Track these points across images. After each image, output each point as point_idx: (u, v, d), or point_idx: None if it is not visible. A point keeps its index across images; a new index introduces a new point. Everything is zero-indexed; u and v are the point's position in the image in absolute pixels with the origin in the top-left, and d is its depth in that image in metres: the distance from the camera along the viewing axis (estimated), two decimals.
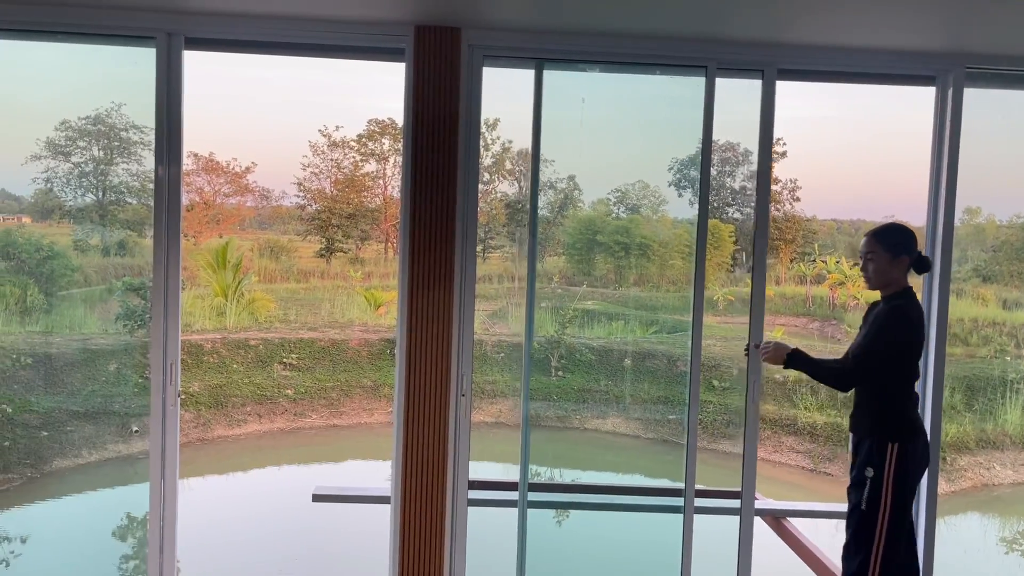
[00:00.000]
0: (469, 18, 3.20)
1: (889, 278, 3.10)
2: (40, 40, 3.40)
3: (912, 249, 3.11)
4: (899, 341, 3.01)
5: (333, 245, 22.48)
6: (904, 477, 3.01)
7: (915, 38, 3.28)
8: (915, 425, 3.09)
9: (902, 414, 3.05)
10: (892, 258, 3.08)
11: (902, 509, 3.02)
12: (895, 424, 3.03)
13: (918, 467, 3.07)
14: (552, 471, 12.61)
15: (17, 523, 8.99)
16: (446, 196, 3.34)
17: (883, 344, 3.01)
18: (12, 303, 12.18)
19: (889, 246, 3.09)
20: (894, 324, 3.01)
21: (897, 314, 3.01)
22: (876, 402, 3.08)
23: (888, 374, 3.05)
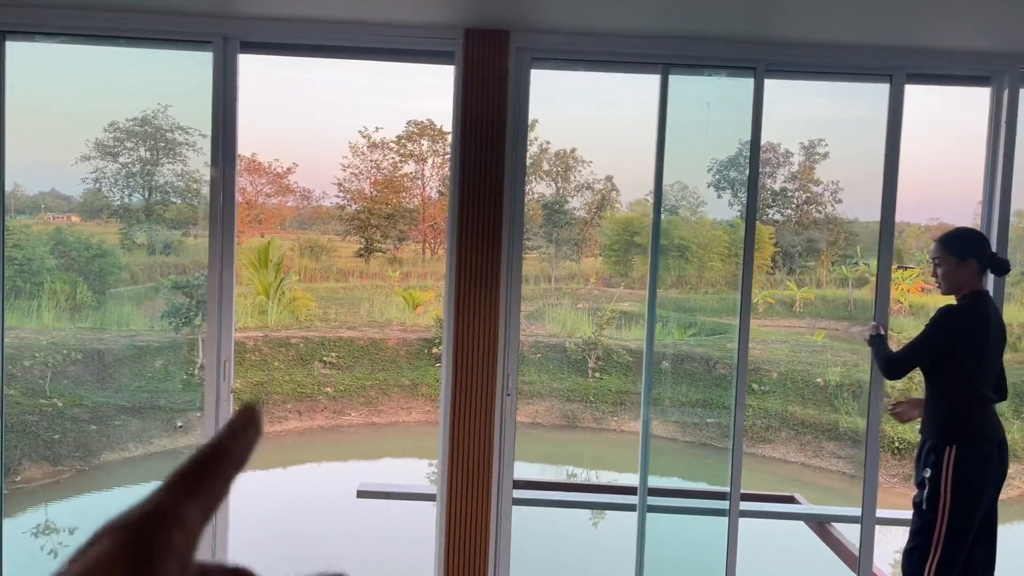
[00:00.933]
0: (517, 21, 3.23)
1: (958, 282, 3.10)
2: (103, 45, 3.50)
3: (980, 252, 3.09)
4: (938, 340, 3.04)
5: (372, 245, 22.66)
6: (963, 480, 2.97)
7: (971, 38, 3.24)
8: (976, 429, 3.04)
9: (962, 417, 3.04)
10: (959, 262, 3.09)
11: (964, 512, 2.98)
12: (953, 427, 3.03)
13: (980, 472, 3.01)
14: (589, 472, 12.59)
15: (66, 514, 9.21)
16: (493, 197, 3.37)
17: (920, 342, 3.07)
18: (63, 300, 12.49)
19: (955, 251, 3.10)
20: (936, 324, 3.06)
21: (942, 315, 3.06)
22: (937, 404, 3.08)
23: (944, 376, 3.05)
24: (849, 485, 11.37)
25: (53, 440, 9.99)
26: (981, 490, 3.02)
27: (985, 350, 3.04)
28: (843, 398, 12.62)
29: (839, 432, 12.15)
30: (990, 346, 3.06)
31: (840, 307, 18.43)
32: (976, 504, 3.02)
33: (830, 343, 15.57)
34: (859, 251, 19.50)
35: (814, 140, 20.11)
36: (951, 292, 3.14)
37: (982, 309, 3.06)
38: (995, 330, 3.09)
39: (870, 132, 15.69)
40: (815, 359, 13.75)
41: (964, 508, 2.99)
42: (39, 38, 3.42)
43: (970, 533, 3.02)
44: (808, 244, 20.36)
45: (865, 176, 21.00)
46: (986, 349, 3.05)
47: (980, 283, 3.11)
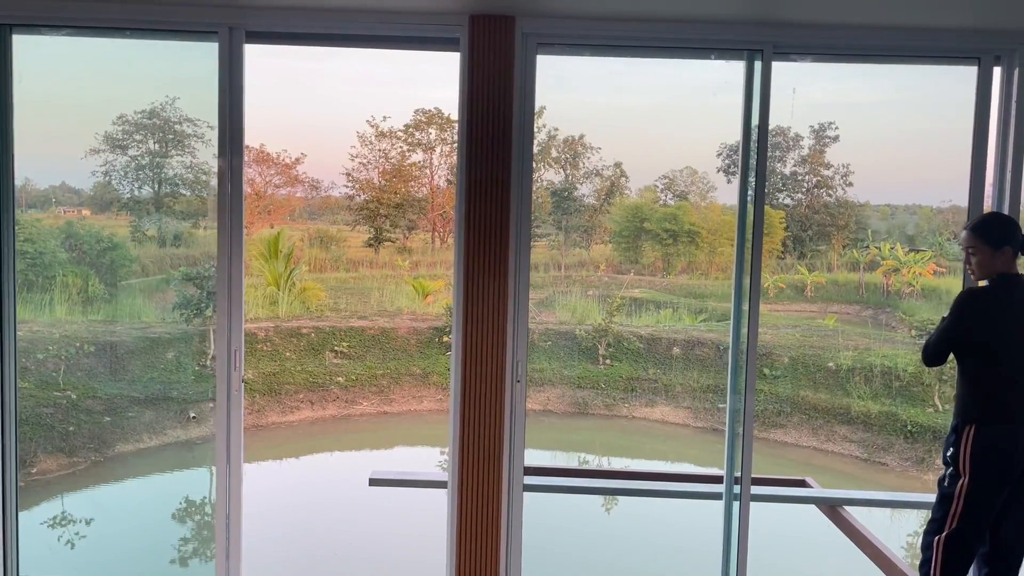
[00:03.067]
0: (523, 6, 3.20)
1: (994, 269, 3.07)
2: (107, 36, 3.50)
3: (1013, 237, 3.06)
4: (960, 321, 3.04)
5: (381, 235, 22.66)
6: (981, 460, 2.97)
7: (977, 17, 3.20)
8: (998, 410, 3.01)
9: (983, 398, 3.03)
10: (994, 251, 3.06)
11: (981, 492, 2.98)
12: (974, 407, 3.03)
13: (1001, 452, 2.98)
14: (600, 459, 12.61)
15: (82, 506, 9.30)
16: (501, 185, 3.36)
17: (948, 324, 3.06)
18: (74, 293, 12.57)
19: (989, 239, 3.06)
20: (957, 306, 3.06)
21: (963, 297, 3.07)
22: (963, 385, 3.09)
23: (968, 357, 3.05)
24: (861, 469, 11.36)
25: (68, 432, 10.07)
26: (1002, 471, 2.99)
27: (1010, 331, 3.02)
28: (855, 382, 12.57)
29: (851, 416, 12.11)
30: (1014, 327, 3.03)
31: (851, 291, 18.33)
32: (996, 485, 2.99)
33: (841, 327, 15.50)
34: (870, 234, 19.38)
35: (824, 123, 19.96)
36: (984, 278, 3.11)
37: (1007, 291, 3.03)
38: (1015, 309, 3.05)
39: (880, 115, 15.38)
40: (826, 343, 13.70)
41: (982, 488, 2.98)
42: (45, 31, 3.43)
43: (988, 513, 3.01)
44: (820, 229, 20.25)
45: (876, 159, 20.84)
46: (1010, 330, 3.02)
47: (1013, 267, 3.08)
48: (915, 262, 17.26)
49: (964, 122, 3.48)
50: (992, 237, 3.06)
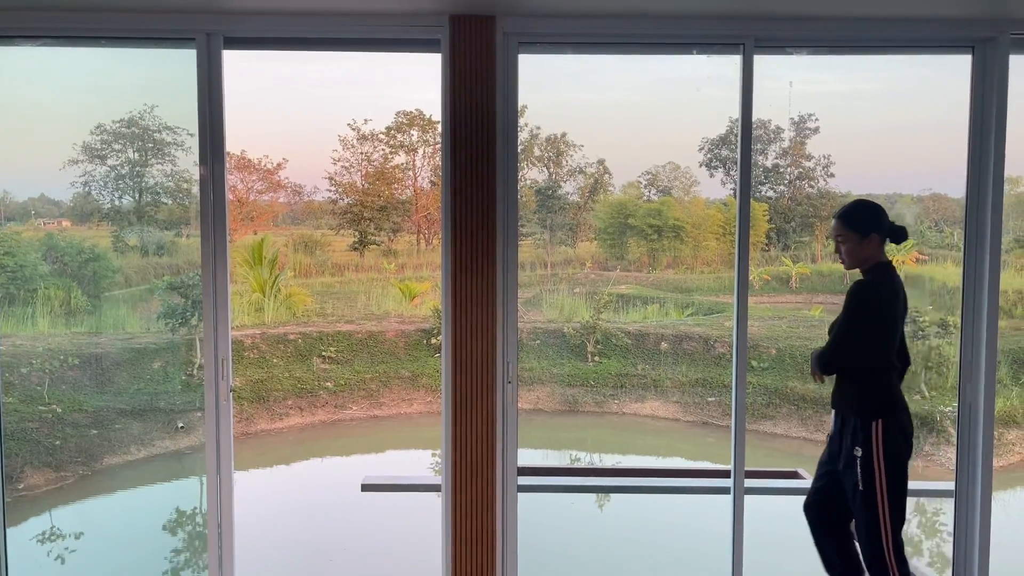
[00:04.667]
0: (503, 5, 3.19)
1: (863, 257, 3.09)
2: (83, 45, 3.47)
3: (880, 224, 3.08)
4: (869, 322, 3.01)
5: (366, 238, 22.60)
6: (894, 452, 3.00)
7: (958, 5, 3.21)
8: (897, 400, 3.07)
9: (884, 390, 3.05)
10: (862, 238, 3.07)
11: (899, 482, 3.01)
12: (878, 400, 3.03)
13: (906, 441, 3.05)
14: (592, 456, 12.63)
15: (71, 520, 9.21)
16: (485, 184, 3.35)
17: (849, 325, 3.02)
18: (57, 305, 12.45)
19: (857, 226, 3.08)
20: (863, 306, 3.01)
21: (865, 294, 3.02)
22: (858, 379, 3.07)
23: (867, 352, 3.03)
24: None
25: (54, 446, 9.97)
26: (908, 458, 3.05)
27: (897, 321, 3.05)
28: None
29: None
30: (900, 317, 3.07)
31: (836, 281, 18.44)
32: (906, 470, 3.04)
33: (827, 317, 15.57)
34: None
35: (804, 115, 20.06)
36: (855, 267, 3.13)
37: (891, 280, 3.06)
38: (902, 300, 3.09)
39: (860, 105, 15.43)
40: (813, 334, 13.76)
41: (899, 478, 3.01)
42: (20, 41, 3.38)
43: (905, 500, 3.05)
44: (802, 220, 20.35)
45: (856, 149, 20.96)
46: (898, 320, 3.06)
47: (883, 255, 3.11)
48: (898, 250, 17.38)
49: (943, 111, 3.50)
50: (859, 224, 3.08)
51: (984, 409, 3.51)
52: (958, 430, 3.62)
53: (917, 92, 19.08)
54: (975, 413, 3.54)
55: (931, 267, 17.32)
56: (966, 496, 3.57)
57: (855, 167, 21.18)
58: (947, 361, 11.72)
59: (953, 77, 3.54)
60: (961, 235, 3.59)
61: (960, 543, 3.59)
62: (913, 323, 12.47)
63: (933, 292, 15.92)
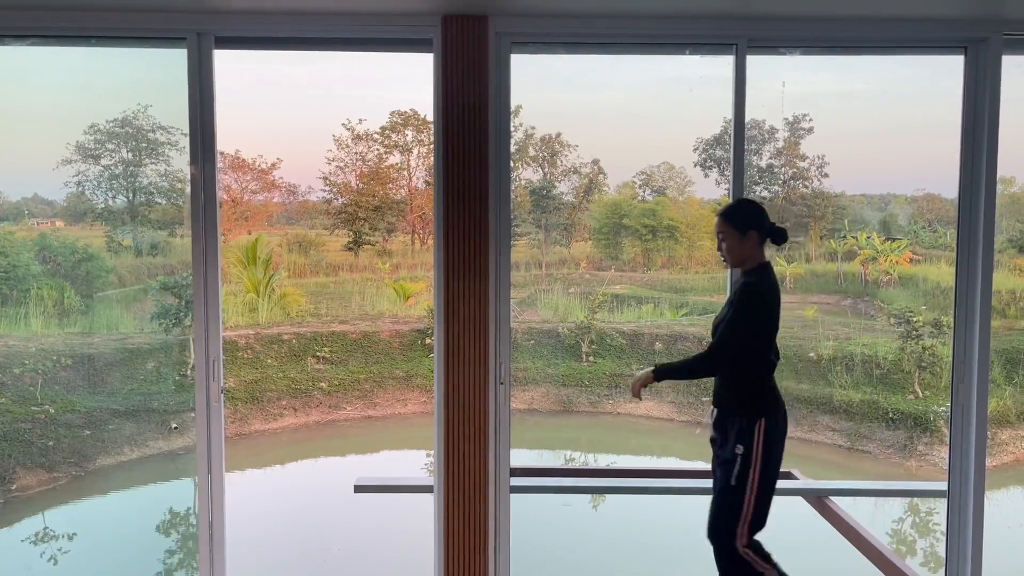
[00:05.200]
0: (495, 5, 3.18)
1: (743, 255, 3.11)
2: (74, 45, 3.45)
3: (760, 223, 3.10)
4: (756, 322, 3.03)
5: (360, 238, 22.57)
6: (771, 452, 3.03)
7: (950, 5, 3.21)
8: (778, 399, 3.11)
9: (766, 390, 3.08)
10: (741, 236, 3.09)
11: (770, 481, 3.04)
12: (762, 400, 3.06)
13: (781, 442, 3.09)
14: (587, 456, 12.63)
15: (64, 521, 9.18)
16: (478, 184, 3.34)
17: (740, 325, 3.03)
18: (50, 305, 12.41)
19: (736, 224, 3.10)
20: (749, 307, 3.02)
21: (750, 295, 3.03)
22: (742, 379, 3.08)
23: (754, 351, 3.07)
24: (845, 458, 11.44)
25: (47, 447, 9.94)
26: (780, 456, 3.09)
27: (777, 320, 3.09)
28: (836, 372, 12.67)
29: (833, 406, 12.20)
30: (778, 316, 3.11)
31: (830, 281, 18.48)
32: (779, 468, 3.09)
33: (821, 317, 15.62)
34: (847, 224, 19.55)
35: (798, 115, 20.10)
36: (736, 265, 3.16)
37: (772, 280, 3.10)
38: (779, 299, 3.14)
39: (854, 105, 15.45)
40: (807, 334, 13.79)
41: (771, 477, 3.04)
42: (9, 41, 3.37)
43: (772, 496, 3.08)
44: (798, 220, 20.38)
45: (850, 149, 21.01)
46: (778, 319, 3.09)
47: (763, 255, 3.13)
48: (892, 251, 17.42)
49: (937, 111, 3.50)
50: (738, 222, 3.10)
51: (977, 409, 3.52)
52: (951, 430, 3.63)
53: (911, 92, 19.13)
54: (968, 413, 3.55)
55: (925, 267, 17.36)
56: (959, 496, 3.58)
57: (849, 167, 21.24)
58: (941, 361, 11.75)
59: (947, 77, 3.54)
60: (955, 235, 3.60)
61: (953, 543, 3.60)
62: (906, 323, 12.50)
63: (927, 292, 15.96)
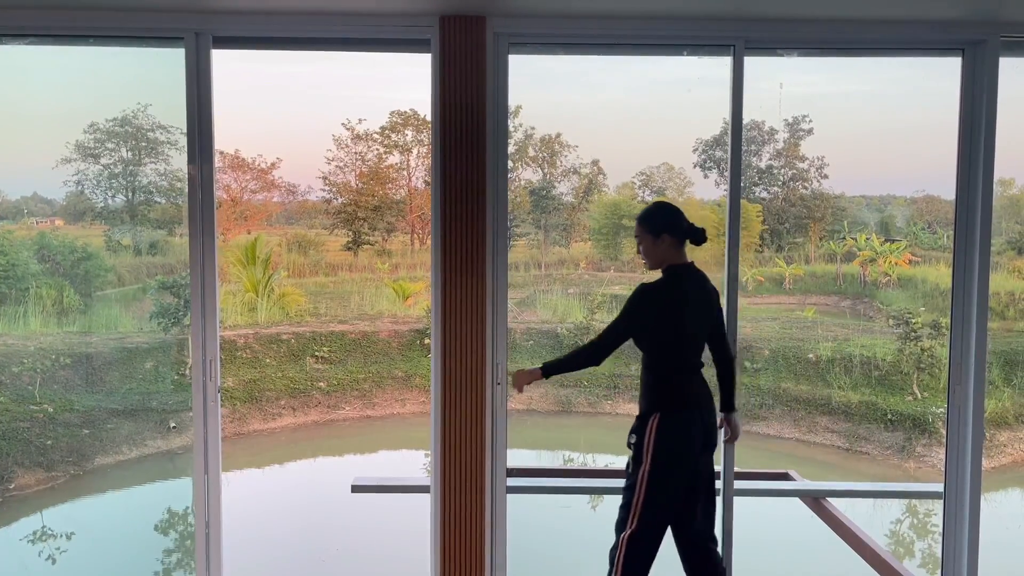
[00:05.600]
0: (494, 6, 3.19)
1: (659, 258, 3.15)
2: (71, 44, 3.45)
3: (673, 226, 3.13)
4: (635, 317, 3.08)
5: (360, 238, 22.59)
6: (664, 447, 3.03)
7: (948, 7, 3.22)
8: (678, 397, 3.10)
9: (664, 386, 3.11)
10: (654, 239, 3.14)
11: (663, 480, 3.03)
12: (658, 395, 3.10)
13: (682, 441, 3.06)
14: (585, 456, 12.63)
15: (62, 520, 9.19)
16: (476, 185, 3.34)
17: (617, 322, 3.11)
18: (49, 304, 12.41)
19: (650, 227, 3.15)
20: (632, 302, 3.09)
21: (637, 292, 3.09)
22: (645, 376, 3.16)
23: (648, 349, 3.13)
24: (844, 459, 11.45)
25: (45, 446, 9.94)
26: (682, 456, 3.07)
27: (684, 321, 3.10)
28: (835, 373, 12.67)
29: (832, 407, 12.21)
30: (689, 317, 3.11)
31: (829, 282, 18.49)
32: (677, 471, 3.06)
33: (820, 318, 15.63)
34: (846, 226, 19.56)
35: (798, 116, 20.12)
36: (655, 267, 3.18)
37: (678, 282, 3.12)
38: (696, 299, 3.14)
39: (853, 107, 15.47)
40: (806, 335, 13.80)
41: (663, 475, 3.04)
42: (8, 40, 3.37)
43: (673, 498, 3.08)
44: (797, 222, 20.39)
45: (850, 151, 21.03)
46: (685, 320, 3.10)
47: (680, 256, 3.16)
48: (891, 252, 17.43)
49: (936, 113, 3.50)
50: (652, 225, 3.15)
51: (973, 410, 3.52)
52: (947, 431, 3.63)
53: (909, 94, 19.14)
54: (964, 414, 3.55)
55: (924, 268, 17.38)
56: (955, 497, 3.58)
57: (848, 168, 21.28)
58: (939, 363, 11.76)
59: (945, 79, 3.54)
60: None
61: (949, 544, 3.59)
62: (905, 324, 12.51)
63: (926, 294, 15.97)
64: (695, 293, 3.16)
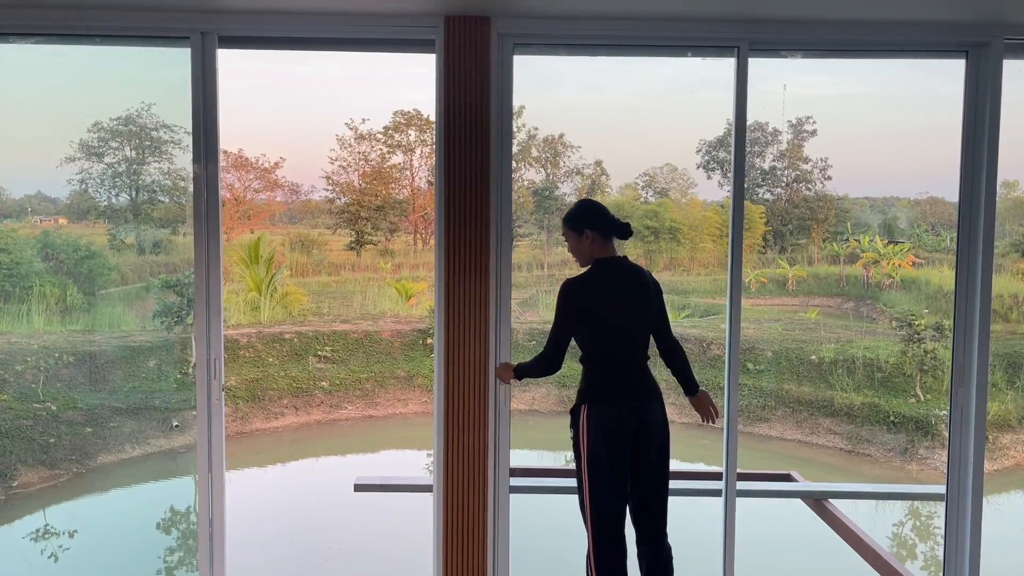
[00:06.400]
0: (498, 6, 3.19)
1: (587, 254, 3.18)
2: (78, 43, 3.46)
3: (596, 222, 3.15)
4: (561, 313, 3.11)
5: (363, 237, 22.60)
6: (595, 438, 3.05)
7: (951, 9, 3.22)
8: (604, 388, 3.11)
9: (592, 378, 3.13)
10: (579, 236, 3.17)
11: (601, 468, 3.04)
12: (587, 387, 3.13)
13: (612, 429, 3.05)
14: None
15: (65, 518, 9.20)
16: (479, 185, 3.35)
17: (554, 324, 3.13)
18: (52, 303, 12.43)
19: (573, 226, 3.18)
20: (557, 299, 3.13)
21: (560, 289, 3.13)
22: (581, 369, 3.18)
23: (579, 341, 3.15)
24: (846, 460, 11.44)
25: (48, 444, 9.96)
26: (617, 447, 3.06)
27: (610, 313, 3.09)
28: (837, 374, 12.66)
29: (834, 408, 12.20)
30: (618, 309, 3.10)
31: (832, 284, 18.47)
32: (615, 459, 3.06)
33: (823, 320, 15.62)
34: (849, 227, 19.54)
35: (801, 118, 20.10)
36: (585, 264, 3.20)
37: (597, 275, 3.12)
38: (623, 292, 3.13)
39: (857, 108, 15.48)
40: (809, 336, 13.79)
41: (600, 464, 3.05)
42: (14, 39, 3.38)
43: (616, 488, 3.07)
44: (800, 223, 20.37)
45: (853, 152, 20.99)
46: (611, 312, 3.09)
47: (606, 250, 3.16)
48: (894, 254, 17.42)
49: (940, 115, 3.50)
50: (575, 223, 3.17)
51: (976, 412, 3.52)
52: (949, 433, 3.63)
53: (913, 96, 19.12)
54: (967, 416, 3.55)
55: (927, 270, 17.35)
56: (957, 499, 3.58)
57: (852, 170, 21.23)
58: (942, 365, 11.74)
59: (949, 81, 3.54)
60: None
61: (951, 546, 3.60)
62: (908, 326, 12.49)
63: (929, 296, 15.95)
64: (622, 286, 3.14)
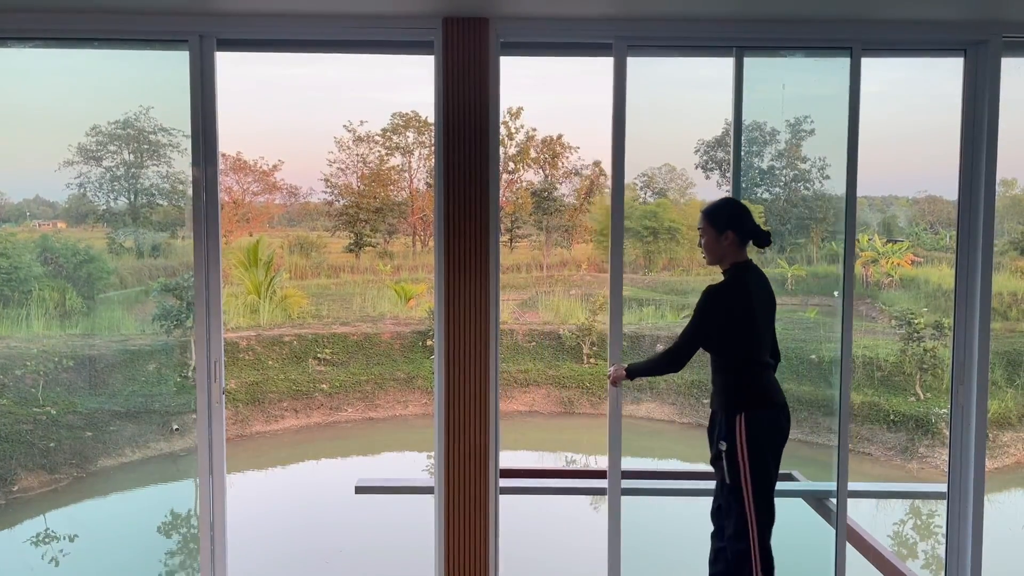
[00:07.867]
0: (496, 8, 3.19)
1: (720, 254, 3.13)
2: (76, 47, 3.46)
3: (738, 224, 3.11)
4: (707, 319, 3.06)
5: (362, 240, 22.59)
6: (757, 445, 3.03)
7: (950, 8, 3.22)
8: (764, 394, 3.10)
9: (747, 386, 3.09)
10: (718, 234, 3.12)
11: (763, 476, 3.03)
12: (741, 396, 3.08)
13: (770, 435, 3.07)
14: (587, 458, 12.62)
15: (65, 522, 9.19)
16: (478, 186, 3.35)
17: (695, 324, 3.08)
18: (51, 307, 12.42)
19: (715, 222, 3.13)
20: (705, 303, 3.07)
21: (709, 293, 3.08)
22: (721, 377, 3.13)
23: (722, 350, 3.10)
24: None
25: (48, 448, 9.95)
26: (778, 452, 3.10)
27: (755, 320, 3.09)
28: (837, 373, 12.66)
29: (834, 408, 12.19)
30: (759, 315, 3.11)
31: (831, 283, 18.45)
32: (773, 466, 3.08)
33: (823, 319, 15.60)
34: None
35: (799, 117, 20.10)
36: (714, 263, 3.17)
37: (744, 282, 3.10)
38: (762, 299, 3.14)
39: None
40: (808, 336, 13.79)
41: (762, 472, 3.04)
42: (12, 43, 3.38)
43: (773, 494, 3.08)
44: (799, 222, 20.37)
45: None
46: (756, 319, 3.09)
47: (741, 255, 3.14)
48: (893, 253, 17.43)
49: (939, 113, 3.50)
50: (718, 221, 3.12)
51: (976, 410, 3.52)
52: (950, 432, 3.63)
53: (911, 95, 19.12)
54: (967, 415, 3.55)
55: (926, 269, 17.37)
56: (958, 497, 3.58)
57: None
58: (942, 363, 11.75)
59: (947, 79, 3.54)
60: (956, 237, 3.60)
61: (952, 544, 3.60)
62: (908, 325, 12.49)
63: (928, 294, 15.96)
64: (761, 290, 3.15)
